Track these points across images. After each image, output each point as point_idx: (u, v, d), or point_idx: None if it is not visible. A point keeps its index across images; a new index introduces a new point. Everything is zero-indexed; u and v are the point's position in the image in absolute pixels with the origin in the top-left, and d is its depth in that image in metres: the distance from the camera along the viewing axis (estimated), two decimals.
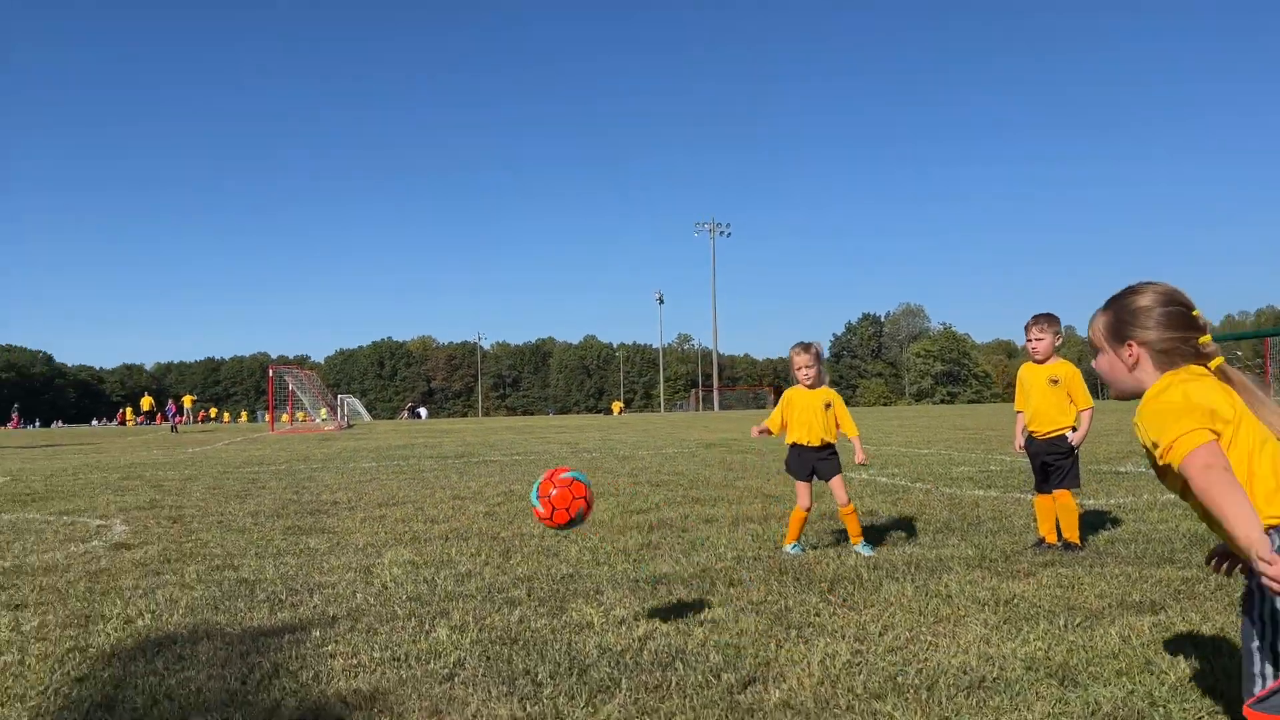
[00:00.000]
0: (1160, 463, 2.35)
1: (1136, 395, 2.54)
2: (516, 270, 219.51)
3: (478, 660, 3.93)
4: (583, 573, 5.86)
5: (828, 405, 6.54)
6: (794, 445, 6.61)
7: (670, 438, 25.62)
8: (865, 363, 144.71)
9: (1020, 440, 6.67)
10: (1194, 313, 2.52)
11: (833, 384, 6.90)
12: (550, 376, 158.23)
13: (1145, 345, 2.52)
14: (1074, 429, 6.41)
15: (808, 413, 6.53)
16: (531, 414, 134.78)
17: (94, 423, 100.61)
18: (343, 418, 50.96)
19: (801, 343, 6.62)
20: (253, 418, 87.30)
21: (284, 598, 5.31)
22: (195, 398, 69.70)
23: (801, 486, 6.56)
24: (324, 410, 52.14)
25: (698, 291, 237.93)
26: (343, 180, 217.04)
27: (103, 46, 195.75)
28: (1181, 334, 2.49)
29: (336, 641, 4.29)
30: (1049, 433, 6.44)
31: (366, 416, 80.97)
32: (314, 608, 5.04)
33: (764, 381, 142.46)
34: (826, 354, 6.67)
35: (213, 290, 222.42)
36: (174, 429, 46.45)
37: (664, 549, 6.73)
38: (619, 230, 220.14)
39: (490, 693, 3.51)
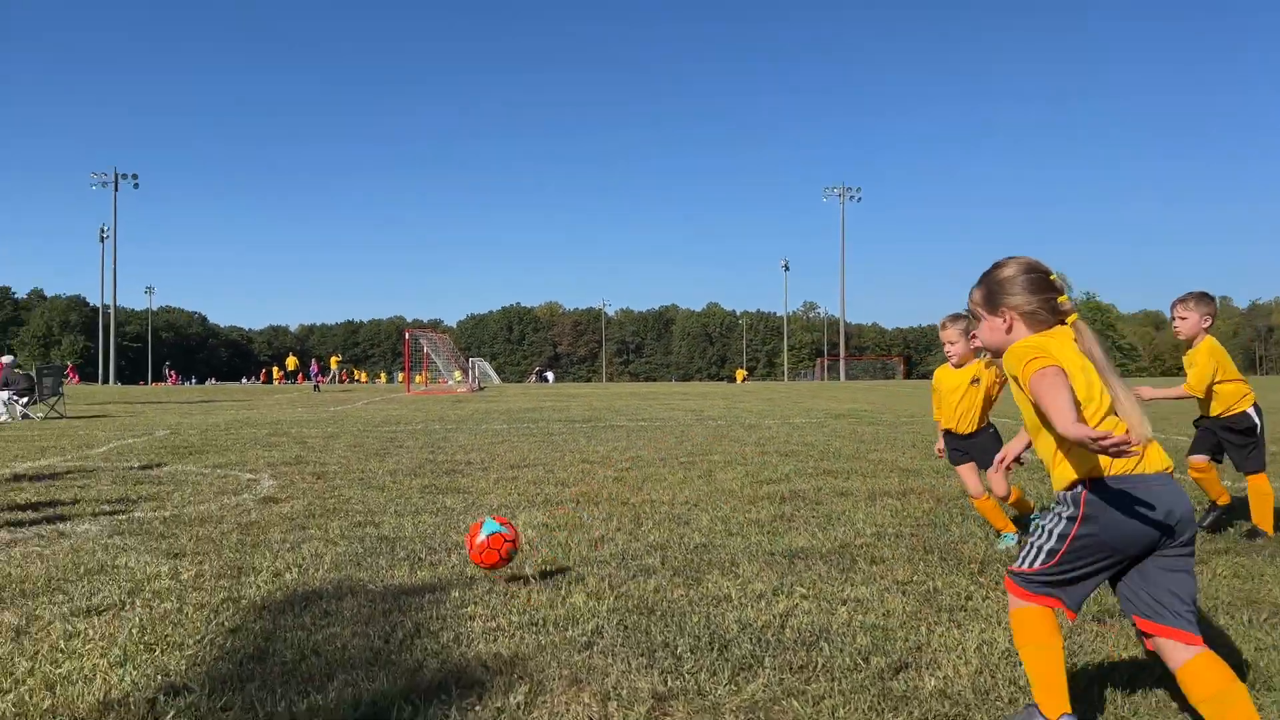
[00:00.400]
0: (1023, 389, 2.76)
1: (999, 354, 2.93)
2: (641, 237, 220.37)
3: (615, 629, 3.86)
4: (716, 543, 5.74)
5: (975, 380, 5.84)
6: (945, 431, 6.08)
7: (796, 407, 25.23)
8: None
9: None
10: (1051, 276, 2.87)
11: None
12: (673, 343, 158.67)
13: (1015, 309, 2.88)
14: (1256, 407, 5.89)
15: (954, 394, 5.93)
16: (654, 380, 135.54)
17: (243, 380, 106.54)
18: (474, 380, 52.31)
19: (952, 314, 5.91)
20: (390, 379, 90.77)
21: (423, 556, 5.39)
22: (340, 358, 72.88)
23: (963, 471, 5.96)
24: (457, 373, 53.66)
25: (825, 258, 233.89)
26: (475, 147, 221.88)
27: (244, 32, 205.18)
28: (1043, 296, 2.85)
29: (475, 603, 4.30)
30: (1223, 413, 5.93)
31: (496, 379, 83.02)
32: (452, 567, 5.08)
33: (892, 352, 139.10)
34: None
35: (353, 255, 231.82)
36: (316, 388, 48.69)
37: (798, 522, 6.55)
38: (744, 196, 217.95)
39: (630, 664, 3.44)
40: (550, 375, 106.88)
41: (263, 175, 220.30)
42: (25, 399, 20.23)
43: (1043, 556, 2.77)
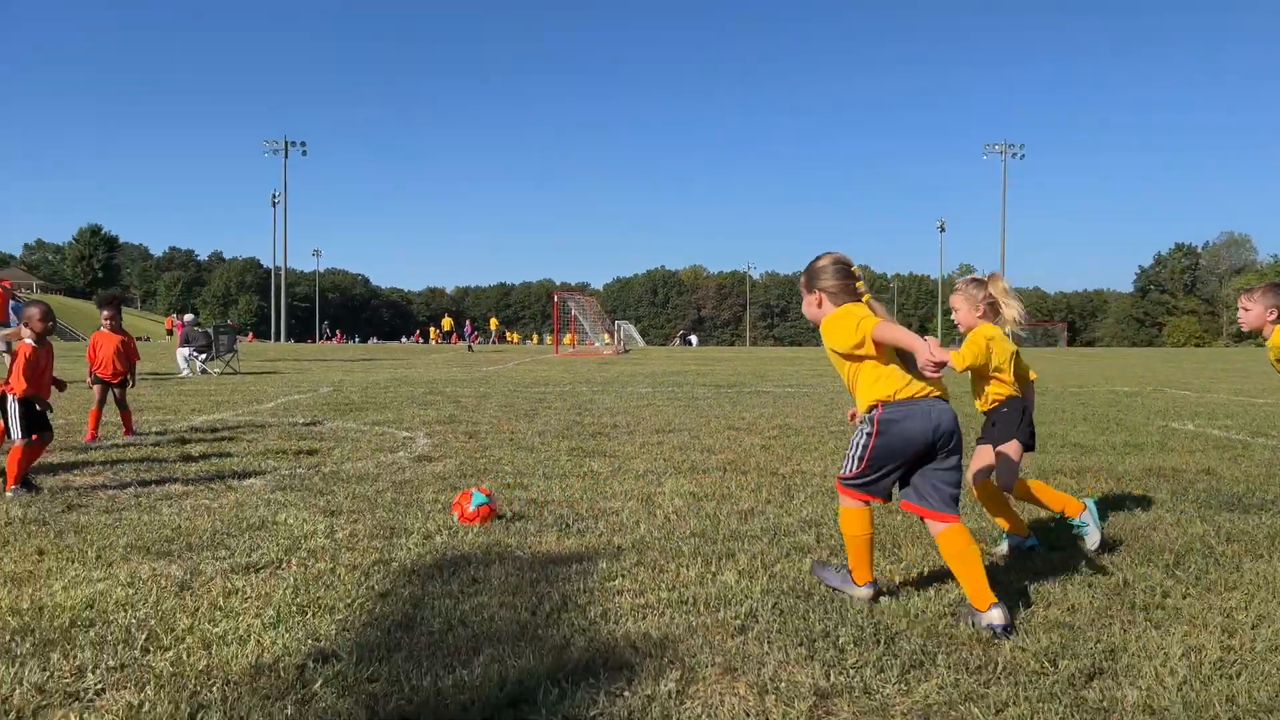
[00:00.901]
0: (861, 352, 3.62)
1: (818, 324, 3.81)
2: (787, 199, 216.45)
3: (770, 613, 3.62)
4: (876, 522, 5.40)
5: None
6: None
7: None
8: (1175, 299, 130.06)
9: None
10: (853, 268, 3.79)
11: (1135, 321, 5.25)
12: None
13: (823, 290, 3.79)
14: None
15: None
16: (799, 345, 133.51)
17: (403, 340, 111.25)
18: (620, 342, 52.78)
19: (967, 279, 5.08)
20: (540, 340, 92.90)
21: (570, 523, 5.29)
22: (498, 320, 74.94)
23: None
24: (604, 335, 54.26)
25: (984, 218, 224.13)
26: (626, 114, 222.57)
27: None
28: (844, 281, 3.76)
29: (623, 576, 4.14)
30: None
31: (641, 342, 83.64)
32: (599, 536, 4.96)
33: (1055, 317, 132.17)
34: (1131, 287, 5.26)
35: (506, 219, 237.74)
36: (470, 348, 50.22)
37: (965, 500, 6.11)
38: (896, 154, 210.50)
39: (788, 654, 3.20)
40: (694, 338, 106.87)
41: (421, 143, 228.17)
42: (203, 355, 21.56)
43: (855, 464, 3.71)
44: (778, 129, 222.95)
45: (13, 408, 6.10)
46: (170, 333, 54.06)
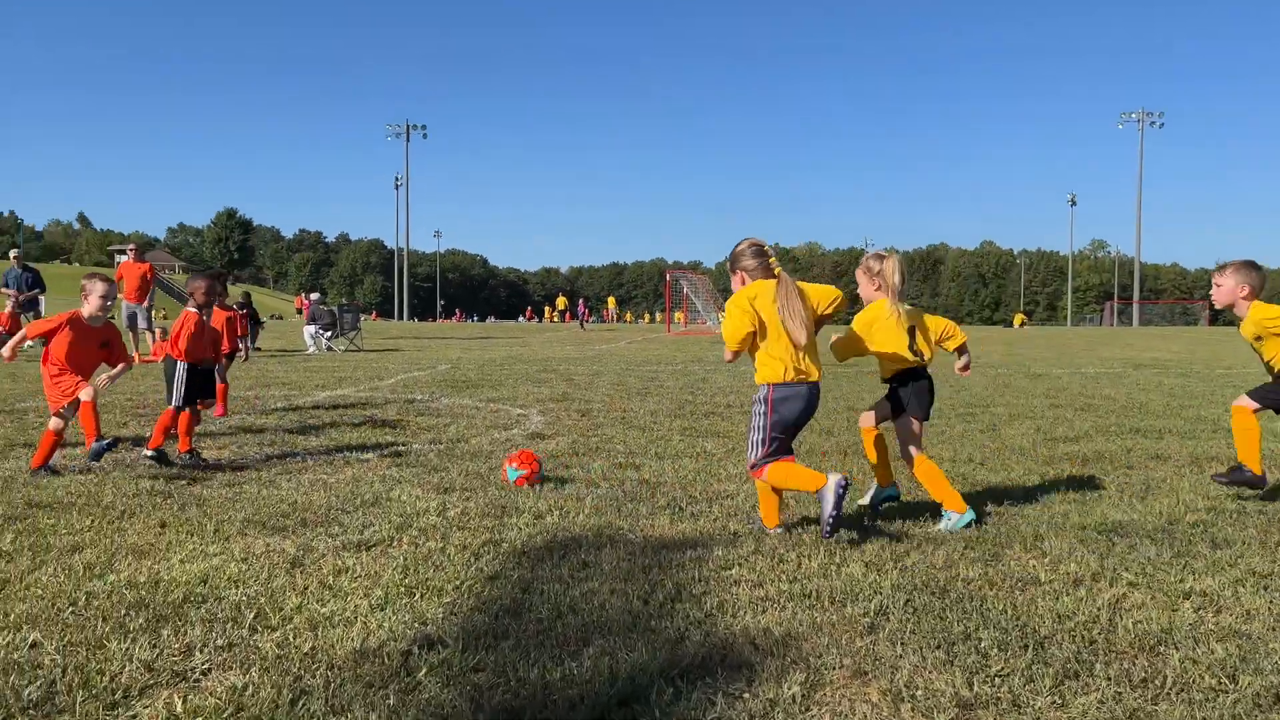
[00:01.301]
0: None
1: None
2: (907, 172, 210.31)
3: (903, 611, 3.33)
4: (1012, 511, 5.02)
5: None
6: None
7: (1087, 355, 22.98)
8: None
9: None
10: (765, 248, 4.55)
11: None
12: (941, 284, 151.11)
13: (744, 269, 4.55)
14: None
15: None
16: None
17: (519, 319, 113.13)
18: None
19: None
20: (651, 319, 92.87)
21: (684, 505, 5.09)
22: (616, 299, 75.38)
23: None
24: (717, 313, 53.81)
25: (1118, 192, 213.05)
26: (736, 94, 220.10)
27: None
28: (759, 260, 4.51)
29: (740, 564, 3.92)
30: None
31: None
32: (714, 520, 4.74)
33: (1195, 295, 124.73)
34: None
35: (619, 198, 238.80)
36: (582, 326, 50.58)
37: (1109, 490, 5.66)
38: (1024, 124, 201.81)
39: (924, 657, 2.91)
40: None
41: (535, 127, 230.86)
42: (328, 332, 22.24)
43: (761, 440, 4.44)
44: (893, 102, 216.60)
45: (180, 373, 6.32)
46: (300, 311, 56.32)
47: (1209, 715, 2.54)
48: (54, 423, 5.82)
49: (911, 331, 4.89)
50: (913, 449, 4.90)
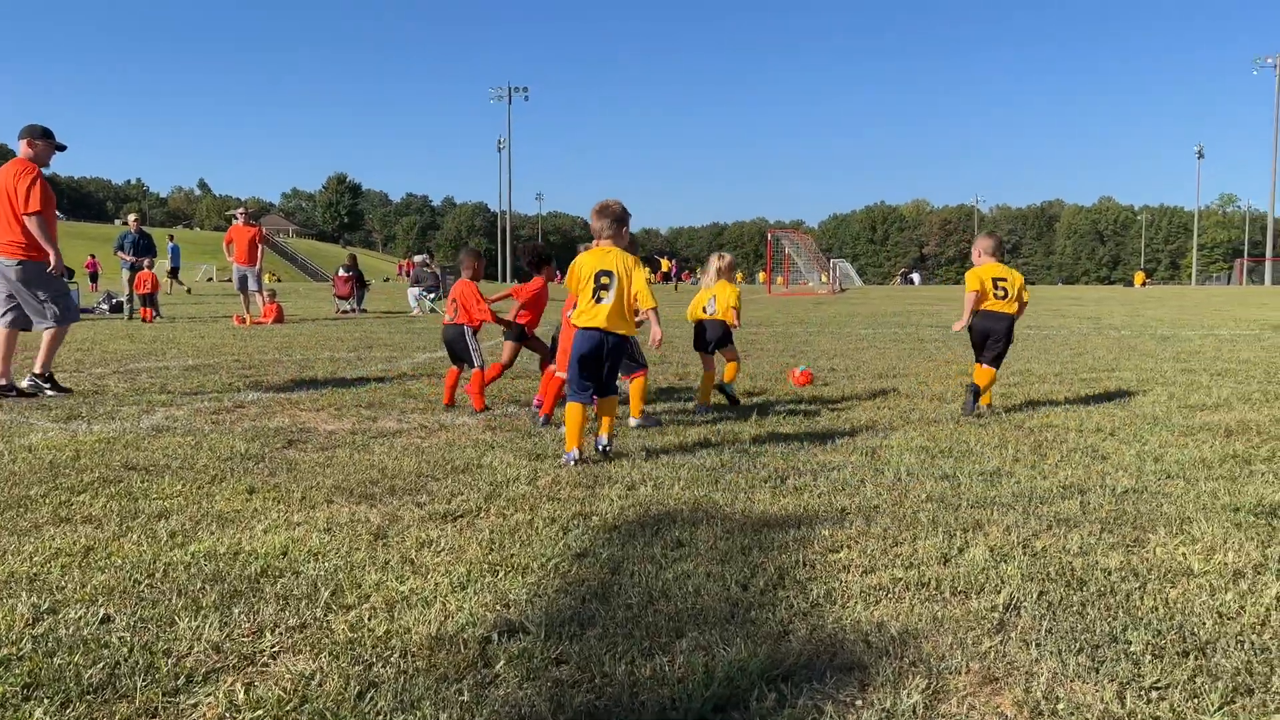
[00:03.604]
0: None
1: None
2: (1021, 127, 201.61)
3: (1035, 605, 2.96)
4: (1151, 489, 4.55)
5: None
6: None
7: (1219, 316, 21.51)
8: None
9: None
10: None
11: None
12: (1056, 242, 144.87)
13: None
14: None
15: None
16: (1033, 283, 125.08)
17: None
18: (835, 282, 51.06)
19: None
20: (749, 279, 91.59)
21: (786, 478, 4.78)
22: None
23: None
24: (820, 274, 52.71)
25: (1252, 143, 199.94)
26: (841, 47, 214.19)
27: None
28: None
29: (848, 546, 3.59)
30: None
31: (858, 281, 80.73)
32: (819, 495, 4.41)
33: None
34: None
35: (719, 156, 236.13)
36: (676, 288, 50.24)
37: (1258, 465, 5.10)
38: (1147, 74, 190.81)
39: (1064, 664, 2.55)
40: (916, 277, 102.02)
41: (635, 87, 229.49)
42: (432, 294, 22.47)
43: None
44: (1003, 55, 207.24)
45: (473, 340, 7.06)
46: (405, 274, 57.45)
47: None
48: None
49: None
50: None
